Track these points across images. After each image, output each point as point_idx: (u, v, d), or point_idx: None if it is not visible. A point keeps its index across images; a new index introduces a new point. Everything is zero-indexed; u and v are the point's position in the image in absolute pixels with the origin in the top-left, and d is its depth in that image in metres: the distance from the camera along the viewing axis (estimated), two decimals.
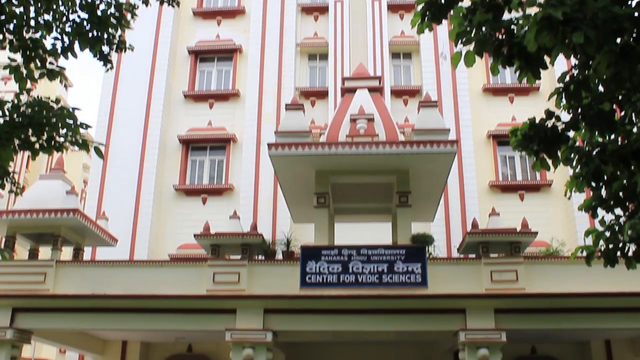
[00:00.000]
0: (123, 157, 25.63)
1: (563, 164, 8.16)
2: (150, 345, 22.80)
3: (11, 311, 17.60)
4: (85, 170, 45.43)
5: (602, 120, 7.51)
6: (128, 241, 23.82)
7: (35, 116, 6.69)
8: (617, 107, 7.73)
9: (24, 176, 42.74)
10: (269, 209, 24.47)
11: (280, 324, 17.00)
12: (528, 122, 8.11)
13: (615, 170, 7.68)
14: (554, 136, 7.94)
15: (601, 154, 7.80)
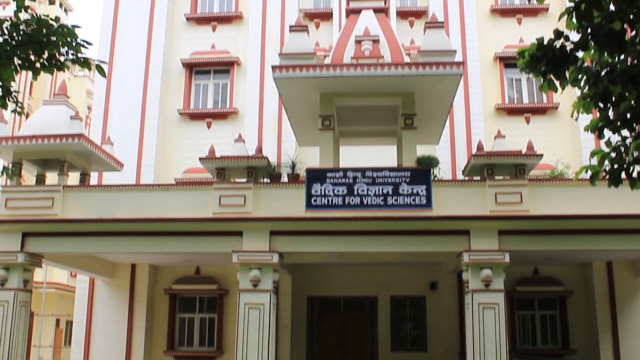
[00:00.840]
0: (126, 83, 25.44)
1: (571, 85, 8.07)
2: (158, 268, 23.22)
3: (21, 236, 17.88)
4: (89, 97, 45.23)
5: (612, 40, 7.38)
6: (134, 166, 23.90)
7: (34, 34, 6.59)
8: (627, 26, 7.59)
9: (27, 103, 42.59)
10: (273, 132, 24.43)
11: (286, 246, 17.24)
12: (536, 43, 7.98)
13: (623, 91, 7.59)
14: (562, 57, 7.82)
15: (610, 74, 7.70)
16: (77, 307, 23.07)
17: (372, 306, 23.36)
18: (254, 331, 16.65)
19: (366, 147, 23.29)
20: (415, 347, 23.08)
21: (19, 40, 6.55)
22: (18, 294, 17.59)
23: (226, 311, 22.55)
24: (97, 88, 26.27)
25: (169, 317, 22.80)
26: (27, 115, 36.93)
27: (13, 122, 36.28)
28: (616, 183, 7.96)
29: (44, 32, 6.71)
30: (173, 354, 22.44)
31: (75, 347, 22.74)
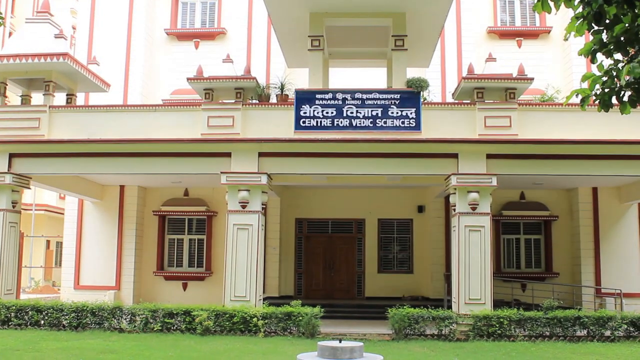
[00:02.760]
0: (112, 1, 24.82)
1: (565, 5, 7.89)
2: (147, 190, 23.24)
3: (8, 157, 17.80)
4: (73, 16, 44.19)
5: None
6: (121, 87, 23.61)
7: None
8: None
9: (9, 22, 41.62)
10: (262, 53, 24.08)
11: (275, 167, 17.25)
12: None
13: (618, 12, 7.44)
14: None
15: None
16: (67, 228, 23.16)
17: (360, 228, 23.62)
18: (242, 252, 16.83)
19: (356, 69, 23.09)
20: (402, 268, 23.49)
21: None
22: (7, 215, 17.63)
23: (214, 232, 22.75)
24: (81, 6, 25.63)
25: (158, 238, 22.97)
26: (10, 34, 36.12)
27: None
28: (606, 107, 7.89)
29: None
30: (163, 274, 22.71)
31: (66, 267, 22.96)
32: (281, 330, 15.75)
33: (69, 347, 13.45)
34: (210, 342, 14.58)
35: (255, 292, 16.71)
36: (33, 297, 22.59)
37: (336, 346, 8.40)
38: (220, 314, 15.87)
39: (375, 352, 9.55)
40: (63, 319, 16.39)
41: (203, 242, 22.99)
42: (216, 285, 21.41)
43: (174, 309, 16.17)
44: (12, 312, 16.53)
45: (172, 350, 13.23)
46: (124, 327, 16.11)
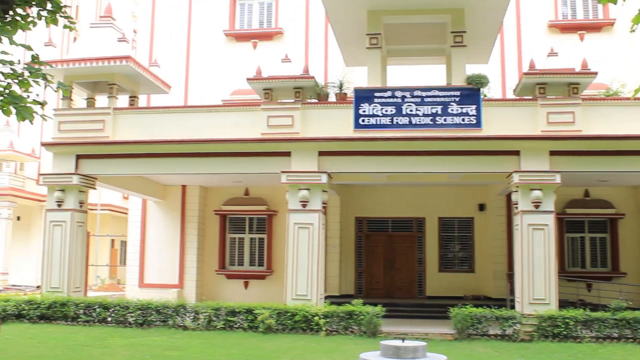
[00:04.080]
0: (171, 4, 25.26)
1: None
2: (208, 190, 23.59)
3: (75, 158, 18.35)
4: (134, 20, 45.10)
5: None
6: (181, 88, 24.02)
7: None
8: None
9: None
10: (320, 52, 24.13)
11: (335, 166, 17.27)
12: None
13: None
14: None
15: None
16: (131, 228, 23.70)
17: (420, 227, 23.44)
18: (303, 250, 16.90)
19: (413, 67, 22.91)
20: (463, 267, 23.22)
21: None
22: (74, 215, 18.14)
23: (275, 231, 22.92)
24: (142, 11, 26.15)
25: (220, 237, 23.30)
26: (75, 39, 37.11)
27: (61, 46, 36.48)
28: None
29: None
30: (224, 273, 23.02)
31: (131, 266, 23.48)
32: (342, 329, 15.75)
33: (135, 344, 13.73)
34: (273, 340, 14.68)
35: (316, 290, 16.76)
36: (99, 294, 23.16)
37: (399, 345, 8.33)
38: (282, 312, 15.97)
39: (438, 352, 9.43)
40: (129, 316, 16.76)
41: (263, 241, 23.19)
42: (277, 284, 21.59)
43: (236, 308, 16.35)
44: (80, 309, 17.00)
45: (235, 348, 13.37)
46: (188, 325, 16.36)
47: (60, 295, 17.49)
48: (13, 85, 6.26)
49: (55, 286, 17.90)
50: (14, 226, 33.84)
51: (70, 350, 12.75)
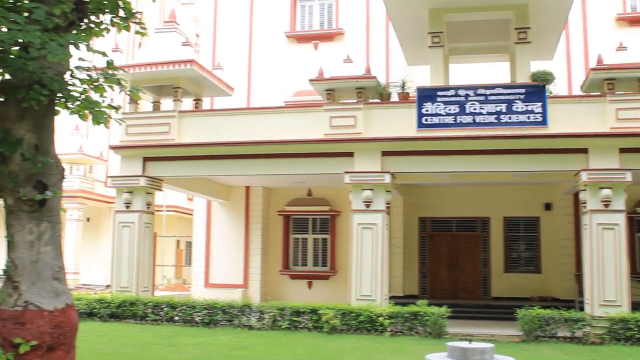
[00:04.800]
0: (233, 7, 25.58)
1: None
2: (272, 191, 23.80)
3: (142, 161, 18.78)
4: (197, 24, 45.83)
5: None
6: (244, 90, 24.30)
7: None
8: None
9: None
10: (381, 52, 24.04)
11: (398, 166, 17.19)
12: None
13: None
14: None
15: None
16: (196, 228, 24.10)
17: (485, 227, 23.11)
18: (367, 251, 16.88)
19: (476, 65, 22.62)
20: (529, 268, 22.77)
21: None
22: (142, 216, 18.56)
23: (338, 232, 22.96)
24: (204, 14, 26.57)
25: (283, 237, 23.48)
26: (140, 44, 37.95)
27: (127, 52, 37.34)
28: None
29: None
30: (288, 273, 23.18)
31: (196, 266, 23.88)
32: (407, 330, 15.66)
33: (202, 343, 13.95)
34: (337, 340, 14.70)
35: (380, 291, 16.72)
36: (166, 294, 23.60)
37: (466, 347, 8.24)
38: (347, 312, 15.99)
39: (506, 354, 9.30)
40: (195, 315, 17.05)
41: (327, 241, 23.26)
42: (340, 284, 21.63)
43: (300, 308, 16.45)
44: (149, 308, 17.39)
45: (300, 348, 13.45)
46: (253, 325, 16.54)
47: (129, 295, 17.93)
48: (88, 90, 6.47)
49: (125, 286, 18.35)
50: (83, 227, 34.82)
51: (140, 348, 13.06)
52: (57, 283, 6.11)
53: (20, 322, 5.80)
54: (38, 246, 6.02)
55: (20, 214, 6.02)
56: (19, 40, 5.20)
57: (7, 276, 6.04)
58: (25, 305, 5.88)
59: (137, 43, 37.66)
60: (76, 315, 6.26)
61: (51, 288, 6.04)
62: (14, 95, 5.81)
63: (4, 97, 6.01)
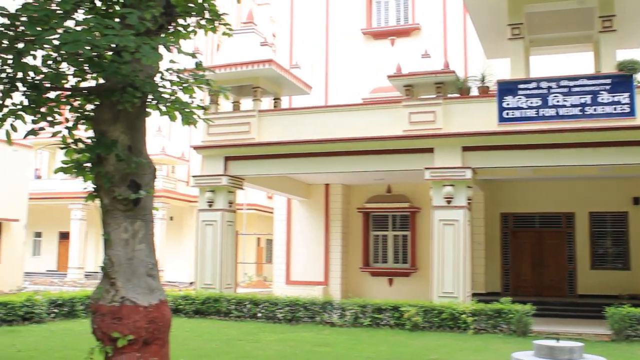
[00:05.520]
0: (308, 5, 25.73)
1: None
2: (351, 188, 23.85)
3: (224, 160, 19.13)
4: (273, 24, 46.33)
5: None
6: (321, 88, 24.41)
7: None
8: None
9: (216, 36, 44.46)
10: (458, 46, 23.70)
11: (479, 161, 16.93)
12: None
13: None
14: None
15: None
16: (277, 226, 24.40)
17: (570, 222, 22.46)
18: (449, 248, 16.71)
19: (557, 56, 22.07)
20: (617, 265, 22.01)
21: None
22: (224, 214, 18.91)
23: (418, 228, 22.80)
24: (280, 14, 26.82)
25: (363, 234, 23.50)
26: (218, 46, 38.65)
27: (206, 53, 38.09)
28: None
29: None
30: (368, 270, 23.19)
31: (277, 264, 24.17)
32: (491, 328, 15.39)
33: (285, 339, 14.09)
34: (420, 337, 14.60)
35: (463, 288, 16.52)
36: (248, 291, 23.98)
37: (554, 345, 8.03)
38: (429, 310, 15.86)
39: (595, 354, 9.01)
40: (278, 312, 17.25)
41: (407, 238, 23.15)
42: (421, 281, 21.48)
43: (382, 305, 16.41)
44: (232, 305, 17.70)
45: (383, 345, 13.41)
46: (335, 322, 16.59)
47: (213, 292, 18.30)
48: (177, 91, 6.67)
49: (208, 283, 18.74)
50: (167, 226, 35.79)
51: (224, 344, 13.29)
52: (151, 280, 6.32)
53: (117, 317, 6.04)
54: (133, 244, 6.24)
55: (115, 213, 6.25)
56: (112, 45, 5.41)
57: (104, 273, 6.29)
58: (122, 301, 6.11)
59: (215, 45, 38.40)
60: (169, 311, 6.46)
61: (145, 284, 6.25)
62: (109, 98, 6.05)
63: (99, 100, 6.26)
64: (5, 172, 25.91)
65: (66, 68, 6.02)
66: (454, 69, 18.71)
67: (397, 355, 12.21)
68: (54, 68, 5.92)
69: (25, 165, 29.26)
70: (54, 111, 6.28)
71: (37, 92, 5.91)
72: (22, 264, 28.97)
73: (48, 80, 5.87)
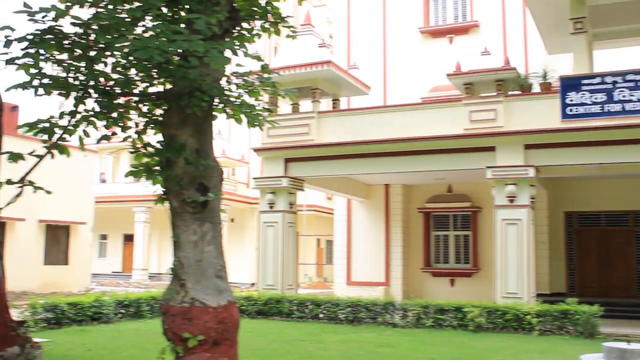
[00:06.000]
0: (365, 6, 25.71)
1: None
2: (411, 188, 23.73)
3: (284, 162, 19.27)
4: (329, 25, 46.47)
5: None
6: (379, 88, 24.35)
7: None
8: None
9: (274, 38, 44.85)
10: (518, 42, 23.30)
11: (542, 159, 16.61)
12: None
13: None
14: None
15: None
16: (337, 227, 24.45)
17: (638, 221, 21.81)
18: (512, 247, 16.45)
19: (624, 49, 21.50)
20: None
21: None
22: (285, 216, 19.05)
23: (480, 228, 22.54)
24: (337, 15, 26.87)
25: (424, 235, 23.36)
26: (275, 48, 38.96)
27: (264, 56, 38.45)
28: None
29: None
30: (430, 271, 23.03)
31: (338, 264, 24.22)
32: (556, 329, 15.07)
33: (347, 340, 14.10)
34: (483, 339, 14.41)
35: (527, 288, 16.24)
36: (308, 292, 24.10)
37: (625, 348, 7.85)
38: (492, 310, 15.63)
39: None
40: (339, 313, 17.26)
41: (468, 238, 22.90)
42: (483, 282, 21.23)
43: (444, 305, 16.26)
44: (294, 306, 17.79)
45: (446, 346, 13.28)
46: (397, 322, 16.50)
47: (274, 292, 18.44)
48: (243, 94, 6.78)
49: (270, 284, 18.90)
50: (228, 228, 36.25)
51: (287, 344, 13.38)
52: (219, 281, 6.42)
53: (187, 318, 6.15)
54: (201, 246, 6.34)
55: (184, 215, 6.37)
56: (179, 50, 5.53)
57: (174, 274, 6.41)
58: (192, 302, 6.21)
59: (272, 48, 38.71)
60: (237, 311, 6.54)
61: (214, 286, 6.35)
62: (177, 102, 6.17)
63: (167, 104, 6.40)
64: (73, 177, 26.69)
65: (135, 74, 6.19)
66: (515, 65, 18.42)
67: (461, 357, 12.09)
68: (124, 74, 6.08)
69: (91, 169, 30.09)
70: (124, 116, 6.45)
71: (108, 98, 6.08)
72: (90, 265, 29.76)
73: (119, 86, 6.04)
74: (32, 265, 25.78)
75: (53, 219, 26.96)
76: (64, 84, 5.79)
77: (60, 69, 5.82)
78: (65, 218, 27.45)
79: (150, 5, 5.50)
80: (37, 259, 26.55)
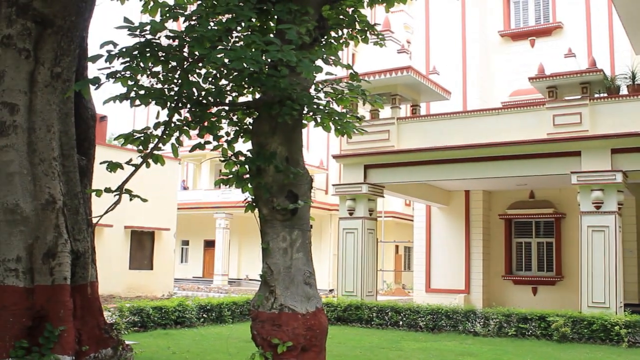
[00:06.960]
0: (444, 10, 25.49)
1: None
2: (492, 194, 23.35)
3: (363, 168, 19.29)
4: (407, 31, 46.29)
5: None
6: (459, 93, 24.06)
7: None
8: None
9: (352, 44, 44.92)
10: (604, 43, 22.63)
11: (631, 164, 16.05)
12: None
13: None
14: None
15: None
16: (416, 234, 24.29)
17: None
18: (598, 255, 15.96)
19: None
20: None
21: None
22: (365, 222, 19.05)
23: (563, 235, 21.95)
24: (416, 20, 26.74)
25: (505, 242, 22.94)
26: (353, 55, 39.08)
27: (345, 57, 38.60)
28: None
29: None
30: (511, 278, 22.59)
31: (417, 271, 24.05)
32: None
33: (427, 348, 13.98)
34: (568, 349, 14.03)
35: (615, 298, 15.71)
36: (387, 299, 24.01)
37: None
38: (578, 320, 15.19)
39: None
40: (419, 320, 17.12)
41: (551, 245, 22.33)
42: (568, 290, 20.66)
43: (527, 314, 15.90)
44: (373, 313, 17.76)
45: (530, 356, 13.00)
46: (478, 331, 16.24)
47: (354, 299, 18.45)
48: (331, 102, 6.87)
49: (350, 290, 18.92)
50: None
51: (367, 351, 13.37)
52: (308, 288, 6.49)
53: (277, 324, 6.25)
54: (291, 253, 6.44)
55: (274, 222, 6.48)
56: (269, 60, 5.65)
57: (263, 281, 6.52)
58: (281, 308, 6.31)
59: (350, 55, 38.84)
60: (326, 318, 6.60)
61: (303, 292, 6.43)
62: (267, 111, 6.30)
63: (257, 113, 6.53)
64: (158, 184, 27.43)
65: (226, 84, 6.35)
66: (601, 67, 17.91)
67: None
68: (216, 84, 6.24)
69: (175, 177, 30.86)
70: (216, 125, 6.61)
71: (201, 108, 6.25)
72: (172, 270, 30.50)
73: (211, 96, 6.20)
74: (118, 269, 26.61)
75: (138, 225, 27.78)
76: (159, 94, 5.99)
77: (155, 80, 6.03)
78: (149, 224, 28.24)
79: (243, 16, 5.63)
80: (123, 264, 27.39)
